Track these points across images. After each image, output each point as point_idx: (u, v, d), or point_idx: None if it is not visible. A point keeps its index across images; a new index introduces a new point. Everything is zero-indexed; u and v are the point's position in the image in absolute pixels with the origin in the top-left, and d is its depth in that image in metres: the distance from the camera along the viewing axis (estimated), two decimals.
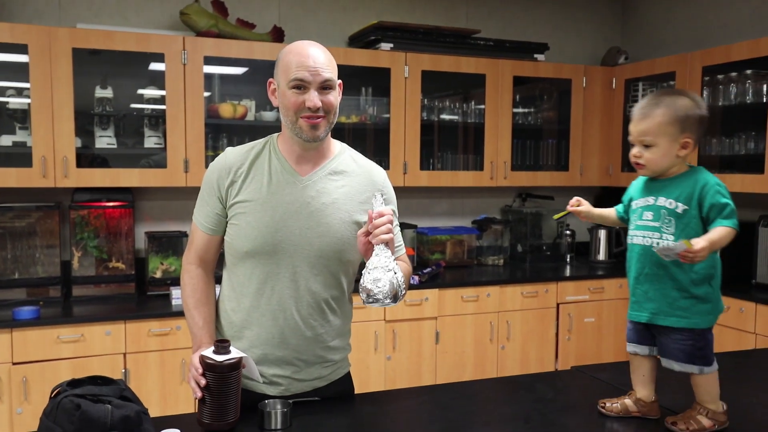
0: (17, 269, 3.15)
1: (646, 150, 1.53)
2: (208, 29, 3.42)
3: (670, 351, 1.55)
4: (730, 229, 1.46)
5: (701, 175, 1.53)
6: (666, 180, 1.56)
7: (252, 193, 1.66)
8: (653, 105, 1.52)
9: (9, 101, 3.16)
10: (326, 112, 1.63)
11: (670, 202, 1.52)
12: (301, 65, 1.59)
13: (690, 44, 4.13)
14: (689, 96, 1.54)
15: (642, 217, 1.58)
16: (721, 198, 1.48)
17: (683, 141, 1.51)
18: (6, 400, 2.79)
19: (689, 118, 1.51)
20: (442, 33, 3.90)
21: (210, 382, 1.47)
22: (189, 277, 1.74)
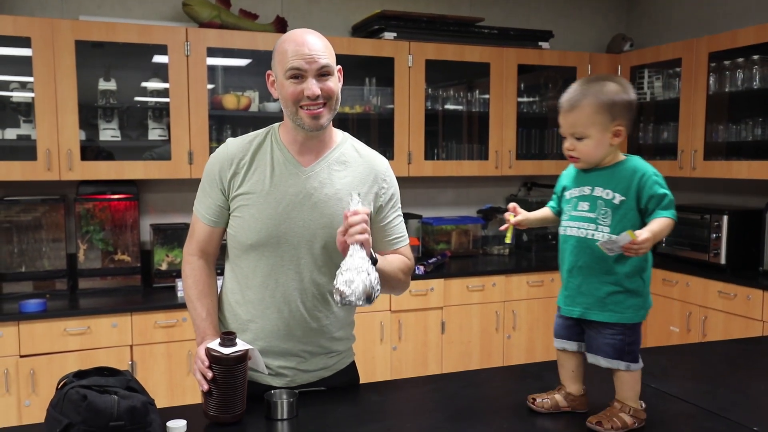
0: (23, 263, 3.17)
1: (579, 142, 1.48)
2: (210, 20, 3.41)
3: (598, 346, 1.50)
4: (670, 219, 1.43)
5: (639, 165, 1.48)
6: (601, 170, 1.50)
7: (255, 184, 1.65)
8: (579, 95, 1.46)
9: (13, 95, 3.17)
10: (327, 99, 1.60)
11: (607, 192, 1.47)
12: (297, 54, 1.56)
13: (696, 30, 4.09)
14: (616, 81, 1.48)
15: (577, 208, 1.52)
16: (660, 189, 1.44)
17: (614, 129, 1.46)
18: (14, 393, 2.80)
19: (617, 105, 1.45)
20: (446, 21, 3.87)
21: (216, 375, 1.47)
22: (191, 268, 1.74)
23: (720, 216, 3.55)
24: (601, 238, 1.45)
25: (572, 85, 1.50)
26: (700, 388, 1.79)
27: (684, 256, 3.79)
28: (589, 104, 1.45)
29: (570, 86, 1.51)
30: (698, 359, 2.11)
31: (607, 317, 1.49)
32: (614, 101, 1.44)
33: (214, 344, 1.51)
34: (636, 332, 1.51)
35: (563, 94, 1.51)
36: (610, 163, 1.50)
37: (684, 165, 3.79)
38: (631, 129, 1.49)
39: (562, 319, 1.59)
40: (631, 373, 1.50)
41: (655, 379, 1.83)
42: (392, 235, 1.77)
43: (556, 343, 1.60)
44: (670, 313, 3.72)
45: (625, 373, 1.49)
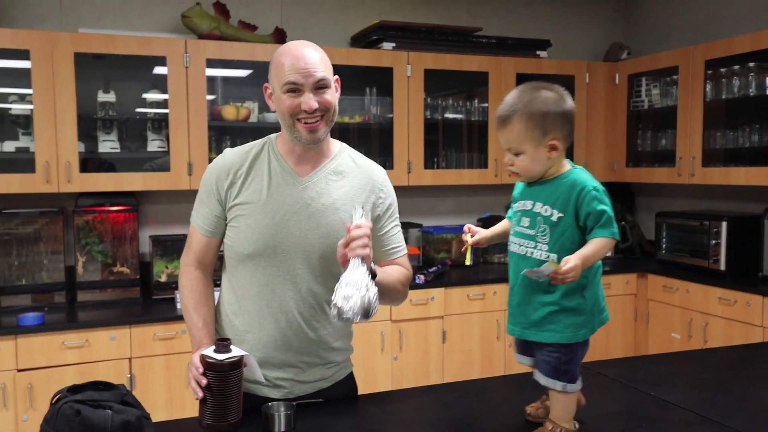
0: (22, 275, 3.16)
1: (516, 157, 1.42)
2: (210, 32, 3.42)
3: (538, 363, 1.46)
4: (607, 239, 1.36)
5: (578, 179, 1.40)
6: (544, 183, 1.44)
7: (252, 195, 1.65)
8: (510, 110, 1.39)
9: (12, 107, 3.17)
10: (324, 112, 1.60)
11: (545, 208, 1.40)
12: (293, 68, 1.56)
13: (692, 38, 4.10)
14: (551, 90, 1.41)
15: (520, 223, 1.46)
16: (598, 204, 1.36)
17: (549, 143, 1.38)
18: (11, 407, 2.79)
19: (549, 117, 1.37)
20: (444, 31, 3.88)
21: (211, 382, 1.46)
22: (187, 279, 1.73)
23: (719, 222, 3.54)
24: (539, 257, 1.40)
25: (507, 96, 1.43)
26: (700, 395, 1.78)
27: (684, 262, 3.78)
28: (520, 119, 1.38)
29: (506, 96, 1.44)
30: (698, 366, 2.10)
31: (545, 337, 1.42)
32: (546, 113, 1.37)
33: (209, 351, 1.50)
34: (574, 352, 1.43)
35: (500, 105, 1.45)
36: (554, 175, 1.43)
37: (682, 172, 3.79)
38: (570, 140, 1.42)
39: None
40: (566, 395, 1.43)
41: (655, 387, 1.82)
42: (390, 245, 1.76)
43: (516, 358, 1.57)
44: (672, 319, 3.71)
45: (560, 393, 1.43)
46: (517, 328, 1.47)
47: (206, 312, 1.71)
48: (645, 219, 4.55)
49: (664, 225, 3.94)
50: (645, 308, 3.92)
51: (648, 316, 3.89)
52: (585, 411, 1.69)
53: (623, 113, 4.22)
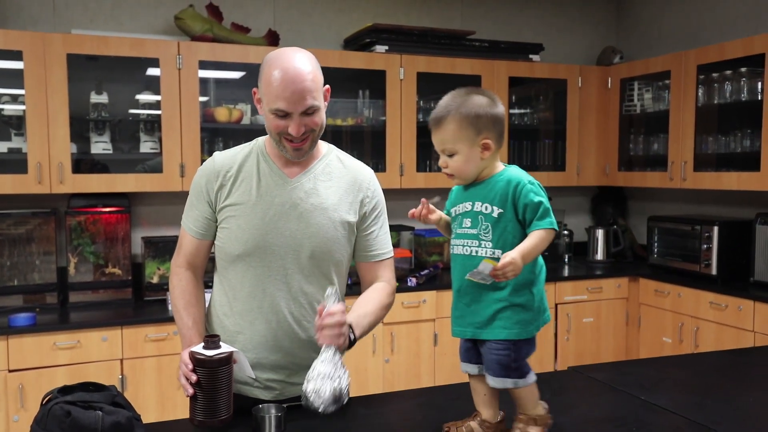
0: (14, 276, 3.15)
1: (450, 159, 1.44)
2: (203, 34, 3.42)
3: (487, 365, 1.44)
4: (546, 231, 1.37)
5: (513, 175, 1.43)
6: (480, 184, 1.46)
7: (241, 196, 1.66)
8: (444, 111, 1.42)
9: (4, 107, 3.16)
10: (311, 132, 1.62)
11: (485, 206, 1.42)
12: (282, 94, 1.54)
13: (685, 43, 4.13)
14: (483, 94, 1.43)
15: (462, 225, 1.47)
16: (535, 196, 1.39)
17: (482, 142, 1.41)
18: (2, 408, 2.78)
19: (482, 118, 1.40)
20: (437, 35, 3.90)
21: (201, 378, 1.46)
22: (178, 279, 1.74)
23: (710, 227, 3.57)
24: (484, 254, 1.41)
25: (441, 101, 1.45)
26: (689, 399, 1.79)
27: (675, 266, 3.80)
28: (454, 119, 1.41)
29: (440, 101, 1.46)
30: (688, 370, 2.11)
31: (496, 334, 1.42)
32: (479, 114, 1.40)
33: (198, 347, 1.49)
34: (522, 349, 1.43)
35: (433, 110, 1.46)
36: (489, 175, 1.46)
37: (674, 176, 3.81)
38: (501, 142, 1.45)
39: (465, 341, 1.52)
40: (523, 388, 1.44)
41: (645, 391, 1.83)
42: (373, 248, 1.77)
43: (462, 367, 1.54)
44: (662, 324, 3.73)
45: (517, 390, 1.44)
46: (469, 329, 1.47)
47: (196, 312, 1.71)
48: (637, 223, 4.57)
49: (656, 229, 3.95)
50: (636, 312, 3.94)
51: (639, 320, 3.91)
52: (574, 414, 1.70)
53: (615, 117, 4.24)
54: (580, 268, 4.18)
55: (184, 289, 1.72)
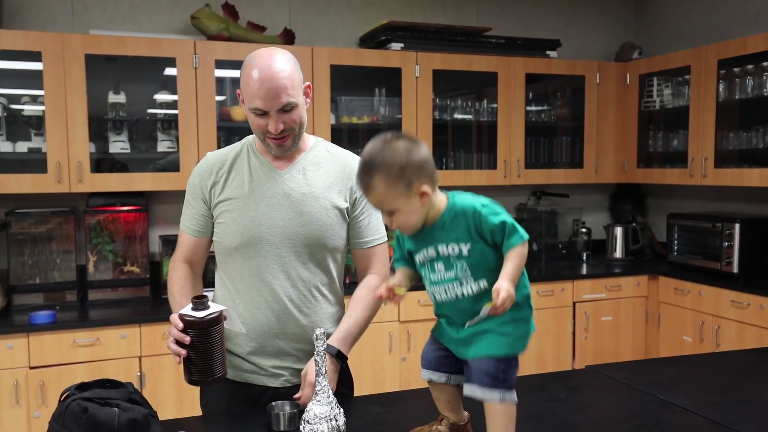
0: (34, 274, 3.19)
1: (392, 216, 1.35)
2: (219, 33, 3.43)
3: (473, 374, 1.35)
4: (521, 245, 1.32)
5: (461, 204, 1.36)
6: (434, 226, 1.37)
7: (234, 190, 1.72)
8: (367, 174, 1.33)
9: (24, 108, 3.20)
10: (290, 130, 1.67)
11: (451, 247, 1.35)
12: (258, 93, 1.59)
13: (705, 37, 4.07)
14: (399, 140, 1.33)
15: (435, 271, 1.39)
16: (494, 218, 1.32)
17: (418, 192, 1.32)
18: (23, 404, 2.82)
19: (407, 169, 1.31)
20: (453, 32, 3.88)
21: (194, 339, 1.45)
22: (175, 271, 1.78)
23: (732, 224, 3.51)
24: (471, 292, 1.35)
25: (361, 157, 1.36)
26: (709, 399, 1.77)
27: (696, 264, 3.75)
28: (380, 180, 1.31)
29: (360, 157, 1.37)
30: (709, 370, 2.08)
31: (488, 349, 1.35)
32: (402, 167, 1.31)
33: (186, 309, 1.48)
34: (512, 360, 1.37)
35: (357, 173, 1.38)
36: (438, 215, 1.37)
37: (695, 173, 3.76)
38: (437, 179, 1.36)
39: (431, 347, 1.47)
40: (506, 407, 1.33)
41: (664, 390, 1.81)
42: (365, 235, 1.80)
43: (423, 374, 1.48)
44: (683, 322, 3.68)
45: (498, 406, 1.33)
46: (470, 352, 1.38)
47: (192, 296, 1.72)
48: (656, 220, 4.52)
49: (676, 227, 3.90)
50: (656, 311, 3.90)
51: (659, 318, 3.86)
52: (591, 414, 1.68)
53: (634, 114, 4.20)
54: (598, 266, 4.14)
55: (180, 277, 1.76)
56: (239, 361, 1.76)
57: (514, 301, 1.28)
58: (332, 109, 3.63)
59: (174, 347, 1.48)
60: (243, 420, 1.64)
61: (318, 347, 1.40)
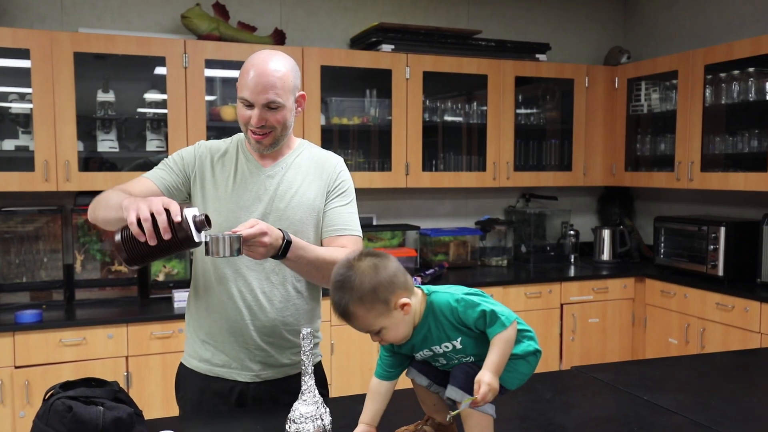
0: (21, 273, 3.17)
1: (380, 335, 1.35)
2: (209, 32, 3.43)
3: (453, 372, 1.36)
4: (505, 331, 1.31)
5: (438, 303, 1.36)
6: (420, 331, 1.38)
7: (219, 182, 1.77)
8: (343, 306, 1.32)
9: (12, 106, 3.18)
10: (272, 129, 1.71)
11: (444, 345, 1.37)
12: (249, 84, 1.66)
13: (692, 42, 4.10)
14: (364, 259, 1.33)
15: (437, 362, 1.42)
16: (473, 310, 1.32)
17: (398, 306, 1.32)
18: (9, 404, 2.80)
19: (379, 288, 1.30)
20: (443, 34, 3.89)
21: (168, 241, 1.39)
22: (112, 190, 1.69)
23: (717, 228, 3.55)
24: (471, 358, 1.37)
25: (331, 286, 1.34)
26: (693, 400, 1.79)
27: (682, 267, 3.78)
28: (357, 308, 1.31)
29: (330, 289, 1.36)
30: (694, 371, 2.10)
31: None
32: (374, 287, 1.30)
33: (191, 213, 1.43)
34: None
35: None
36: (422, 317, 1.37)
37: (681, 176, 3.79)
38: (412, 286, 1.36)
39: None
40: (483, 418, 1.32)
41: (648, 391, 1.82)
42: (332, 224, 1.79)
43: (408, 372, 1.48)
44: (669, 324, 3.71)
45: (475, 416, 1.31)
46: None
47: None
48: (643, 223, 4.55)
49: (663, 230, 3.94)
50: (643, 313, 3.92)
51: (645, 320, 3.89)
52: (576, 414, 1.69)
53: (622, 117, 4.23)
54: (586, 268, 4.17)
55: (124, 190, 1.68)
56: (210, 354, 1.77)
57: (496, 393, 1.29)
58: (323, 109, 3.63)
59: (148, 227, 1.38)
60: (229, 420, 1.64)
61: (304, 347, 1.39)
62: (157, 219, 1.39)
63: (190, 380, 1.80)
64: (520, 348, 1.38)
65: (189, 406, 1.81)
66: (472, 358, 1.38)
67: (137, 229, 1.39)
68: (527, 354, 1.39)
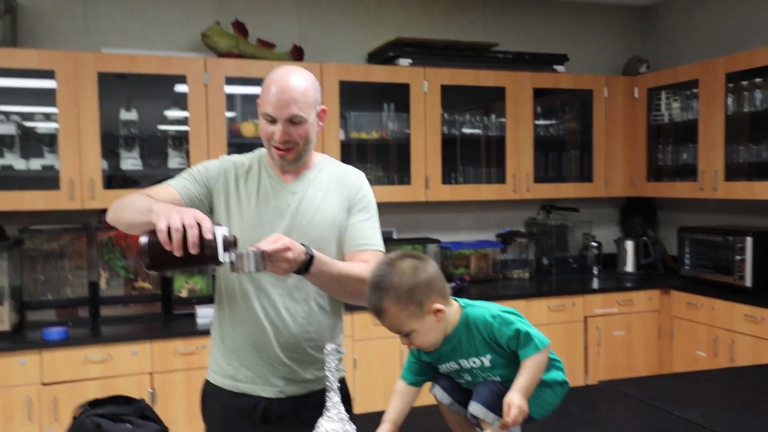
0: (47, 291, 3.21)
1: (410, 337, 1.35)
2: (229, 50, 3.47)
3: (477, 389, 1.36)
4: (535, 356, 1.30)
5: (473, 318, 1.36)
6: (450, 341, 1.38)
7: (244, 196, 1.76)
8: (377, 299, 1.32)
9: (38, 126, 3.24)
10: (294, 144, 1.71)
11: (473, 361, 1.36)
12: (271, 99, 1.67)
13: (712, 51, 4.07)
14: (405, 259, 1.33)
15: (462, 378, 1.42)
16: (507, 329, 1.32)
17: (431, 311, 1.32)
18: (36, 421, 2.82)
19: (416, 290, 1.31)
20: (461, 47, 3.90)
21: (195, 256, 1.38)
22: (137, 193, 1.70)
23: (743, 237, 3.49)
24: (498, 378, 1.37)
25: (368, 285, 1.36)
26: (725, 415, 1.75)
27: (708, 278, 3.72)
28: (390, 305, 1.31)
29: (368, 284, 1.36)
30: (723, 385, 2.06)
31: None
32: (411, 288, 1.31)
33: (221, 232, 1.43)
34: None
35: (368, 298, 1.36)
36: (452, 329, 1.38)
37: (705, 186, 3.74)
38: (448, 295, 1.36)
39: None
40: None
41: (678, 406, 1.79)
42: (354, 239, 1.79)
43: (432, 388, 1.46)
44: (696, 337, 3.65)
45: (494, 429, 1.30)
46: None
47: None
48: (667, 234, 4.50)
49: (687, 240, 3.89)
50: (668, 325, 3.87)
51: (672, 333, 3.83)
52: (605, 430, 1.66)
53: (643, 127, 4.19)
54: (609, 280, 4.12)
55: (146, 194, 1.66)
56: (233, 371, 1.77)
57: (526, 415, 1.27)
58: (341, 124, 3.65)
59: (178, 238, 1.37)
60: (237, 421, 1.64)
61: (328, 363, 1.39)
62: (188, 231, 1.38)
63: (214, 396, 1.80)
64: (548, 375, 1.37)
65: (214, 423, 1.81)
66: (499, 378, 1.36)
67: (165, 237, 1.38)
68: (554, 383, 1.38)
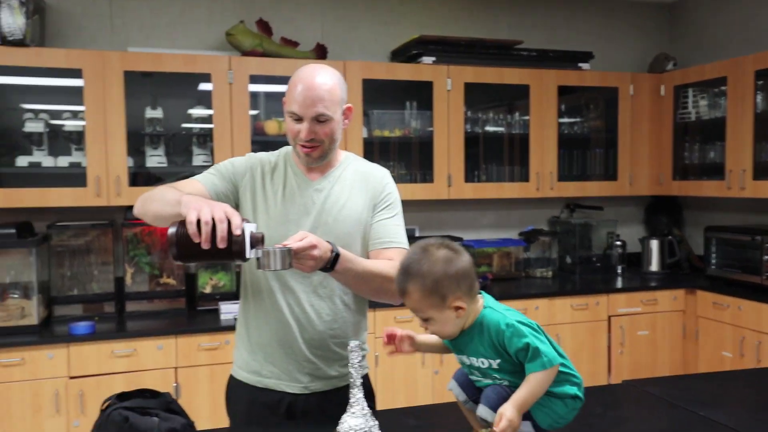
0: (74, 286, 3.26)
1: (427, 322, 1.37)
2: (253, 49, 3.49)
3: (485, 392, 1.37)
4: (540, 373, 1.30)
5: (488, 321, 1.36)
6: (465, 335, 1.39)
7: (269, 194, 1.78)
8: (403, 280, 1.34)
9: (65, 123, 3.30)
10: (320, 143, 1.72)
11: (481, 361, 1.38)
12: (297, 98, 1.67)
13: (741, 48, 4.00)
14: (440, 249, 1.33)
15: (473, 374, 1.45)
16: (518, 340, 1.31)
17: (452, 306, 1.33)
18: (63, 414, 2.87)
19: (442, 283, 1.31)
20: (485, 45, 3.88)
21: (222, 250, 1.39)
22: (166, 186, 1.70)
23: None
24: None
25: (401, 262, 1.37)
26: (751, 417, 1.73)
27: (735, 278, 3.67)
28: (415, 289, 1.33)
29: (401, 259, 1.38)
30: (751, 386, 2.03)
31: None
32: (437, 280, 1.31)
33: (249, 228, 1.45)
34: None
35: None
36: (471, 323, 1.38)
37: (732, 185, 3.68)
38: (474, 292, 1.36)
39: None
40: None
41: (704, 407, 1.77)
42: (379, 237, 1.79)
43: (450, 383, 1.49)
44: (722, 337, 3.60)
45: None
46: None
47: None
48: (693, 233, 4.43)
49: (714, 240, 3.83)
50: (694, 325, 3.81)
51: (697, 333, 3.78)
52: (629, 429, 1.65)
53: (669, 125, 4.14)
54: (633, 279, 4.08)
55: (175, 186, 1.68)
56: (259, 366, 1.78)
57: (516, 430, 1.28)
58: (364, 122, 3.66)
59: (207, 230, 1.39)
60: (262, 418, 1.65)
61: (352, 360, 1.40)
62: (217, 226, 1.40)
63: (239, 392, 1.82)
64: (559, 389, 1.37)
65: (239, 418, 1.82)
66: (507, 382, 1.37)
67: (194, 229, 1.39)
68: (565, 396, 1.38)
